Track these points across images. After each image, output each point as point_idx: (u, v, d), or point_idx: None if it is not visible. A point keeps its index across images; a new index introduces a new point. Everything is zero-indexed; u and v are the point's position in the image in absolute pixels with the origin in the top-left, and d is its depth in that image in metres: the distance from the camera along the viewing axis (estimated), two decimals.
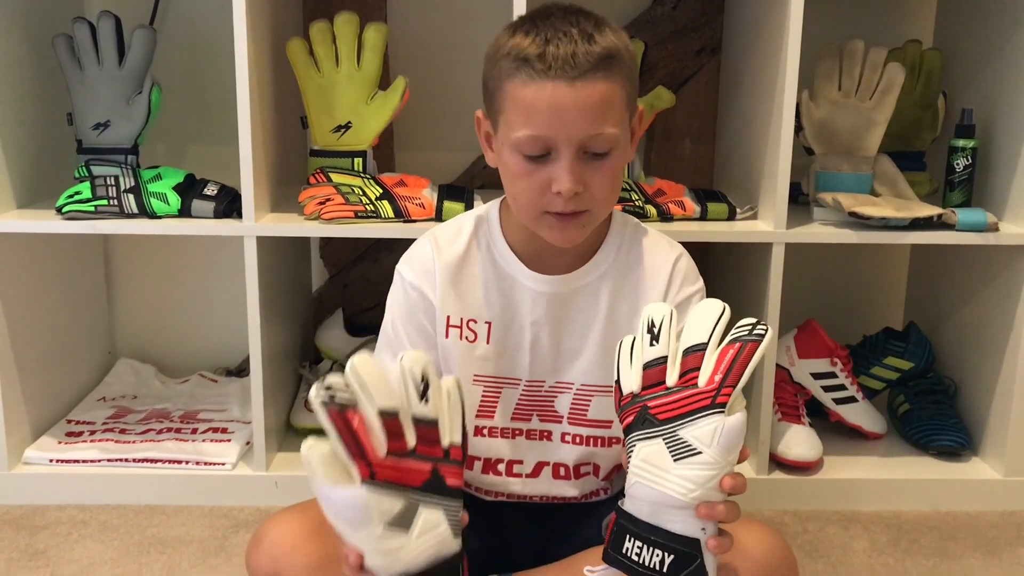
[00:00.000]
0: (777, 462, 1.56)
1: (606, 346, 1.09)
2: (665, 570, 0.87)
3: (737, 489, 0.87)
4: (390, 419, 0.84)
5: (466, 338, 1.09)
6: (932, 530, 1.47)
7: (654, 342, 0.90)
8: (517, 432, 1.13)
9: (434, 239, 1.11)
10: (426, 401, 0.86)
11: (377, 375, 0.84)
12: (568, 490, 1.15)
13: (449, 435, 0.87)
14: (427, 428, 0.86)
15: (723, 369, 0.86)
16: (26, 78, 1.55)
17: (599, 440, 1.12)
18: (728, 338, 0.88)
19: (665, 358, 0.90)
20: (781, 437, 1.56)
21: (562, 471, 1.14)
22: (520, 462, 1.14)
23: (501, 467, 1.14)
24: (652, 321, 0.91)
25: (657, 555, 0.87)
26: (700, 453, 0.85)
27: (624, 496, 0.91)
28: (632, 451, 0.89)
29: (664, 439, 0.87)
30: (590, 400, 1.11)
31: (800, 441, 1.55)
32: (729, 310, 0.90)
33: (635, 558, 0.88)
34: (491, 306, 1.09)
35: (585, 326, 1.10)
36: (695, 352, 0.88)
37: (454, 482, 0.87)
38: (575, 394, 1.11)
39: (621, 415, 0.92)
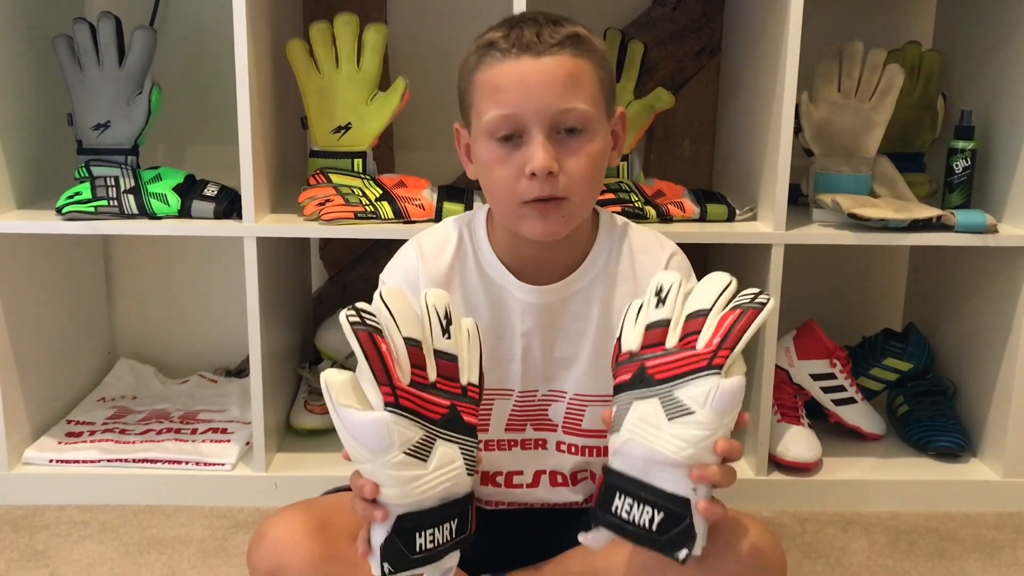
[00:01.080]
0: (776, 463, 1.56)
1: (599, 354, 1.08)
2: (655, 529, 0.86)
3: (731, 454, 0.87)
4: (414, 348, 0.86)
5: None
6: (931, 531, 1.48)
7: (660, 305, 0.91)
8: (512, 443, 1.12)
9: (419, 249, 1.08)
10: (448, 336, 0.88)
11: (405, 305, 0.86)
12: (568, 496, 1.14)
13: (468, 374, 0.89)
14: (448, 363, 0.88)
15: (722, 332, 0.86)
16: (26, 79, 1.55)
17: (595, 450, 1.11)
18: (731, 305, 0.89)
19: (668, 321, 0.90)
20: (780, 438, 1.56)
21: (559, 478, 1.13)
22: (520, 473, 1.13)
23: (500, 479, 1.13)
24: (660, 286, 0.92)
25: (647, 513, 0.87)
26: (693, 413, 0.85)
27: (611, 455, 0.90)
28: (626, 409, 0.88)
29: (660, 398, 0.87)
30: (584, 410, 1.10)
31: (799, 442, 1.56)
32: (736, 282, 0.90)
33: (625, 516, 0.87)
34: (480, 318, 1.06)
35: (577, 334, 1.08)
36: (697, 317, 0.89)
37: (470, 420, 0.89)
38: (569, 403, 1.10)
39: (615, 371, 0.92)
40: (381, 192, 1.47)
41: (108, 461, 1.52)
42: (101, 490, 1.50)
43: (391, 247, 1.87)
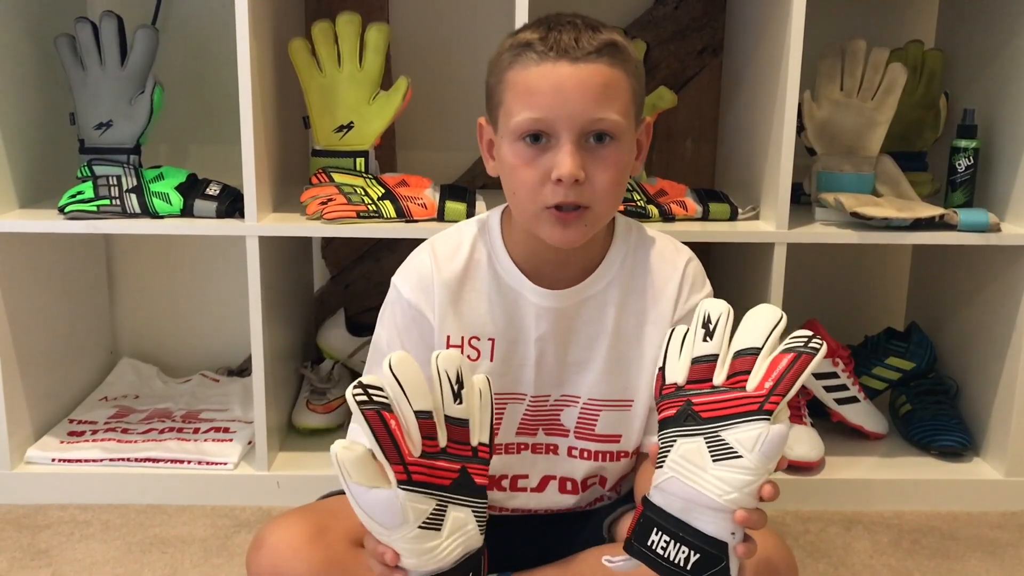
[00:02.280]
0: None
1: (613, 359, 1.07)
2: (689, 568, 0.86)
3: (773, 498, 0.86)
4: (425, 420, 0.85)
5: (468, 356, 1.06)
6: (934, 530, 1.47)
7: (708, 338, 0.88)
8: (523, 447, 1.11)
9: (433, 252, 1.07)
10: (459, 401, 0.87)
11: (414, 375, 0.85)
12: (572, 502, 1.14)
13: (478, 435, 0.89)
14: (459, 428, 0.87)
15: (775, 377, 0.84)
16: (29, 78, 1.55)
17: (608, 455, 1.11)
18: (782, 347, 0.86)
19: (716, 356, 0.87)
20: None
21: (569, 485, 1.13)
22: (525, 476, 1.13)
23: (505, 483, 1.13)
24: (708, 316, 0.89)
25: (683, 552, 0.86)
26: (741, 457, 0.84)
27: (652, 489, 0.90)
28: (670, 445, 0.87)
29: (705, 438, 0.85)
30: (598, 415, 1.09)
31: (802, 441, 1.55)
32: (786, 318, 0.88)
33: (660, 552, 0.87)
34: (494, 322, 1.06)
35: (591, 339, 1.07)
36: (747, 355, 0.86)
37: (481, 481, 0.89)
38: (582, 408, 1.09)
39: (660, 404, 0.90)
40: (383, 191, 1.47)
41: (110, 460, 1.52)
42: (103, 489, 1.50)
43: (393, 246, 1.87)
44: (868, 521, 1.50)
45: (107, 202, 1.45)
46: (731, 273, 1.68)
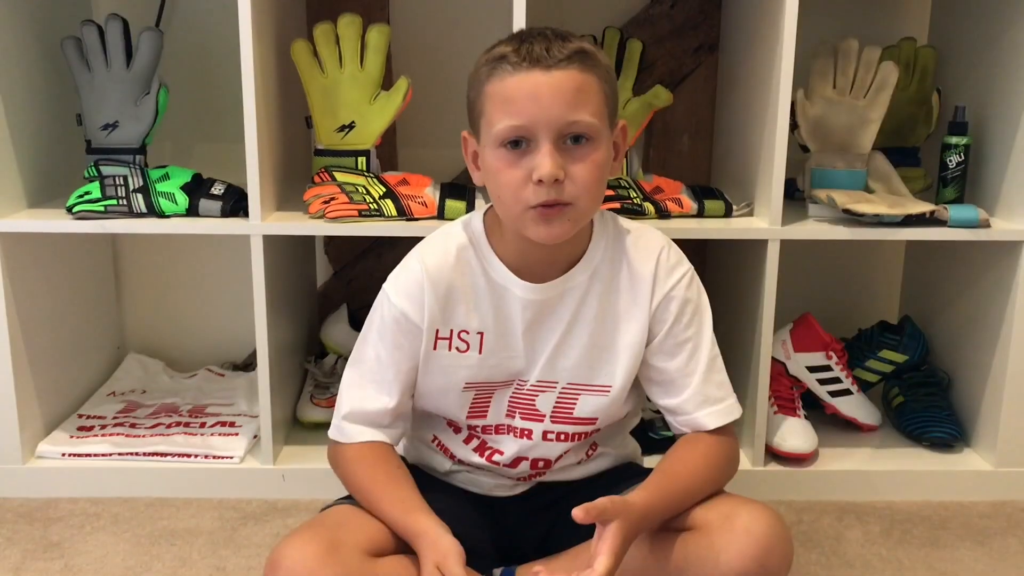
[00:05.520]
0: (772, 454, 1.59)
1: (593, 345, 1.12)
2: None
3: None
4: None
5: (456, 348, 1.12)
6: (924, 520, 1.50)
7: None
8: (501, 428, 1.17)
9: (422, 261, 1.12)
10: None
11: None
12: (556, 451, 1.18)
13: None
14: None
15: None
16: (36, 80, 1.57)
17: (582, 436, 1.16)
18: None
19: None
20: (777, 429, 1.58)
21: (541, 464, 1.18)
22: (500, 452, 1.18)
23: (483, 453, 1.19)
24: None
25: None
26: None
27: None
28: None
29: None
30: (576, 399, 1.14)
31: (795, 433, 1.58)
32: None
33: None
34: (483, 318, 1.12)
35: (573, 325, 1.12)
36: None
37: None
38: (560, 393, 1.14)
39: None
40: (384, 190, 1.50)
41: (119, 455, 1.55)
42: (112, 483, 1.53)
43: (394, 243, 1.88)
44: (860, 511, 1.52)
45: (114, 202, 1.47)
46: (726, 269, 1.70)
